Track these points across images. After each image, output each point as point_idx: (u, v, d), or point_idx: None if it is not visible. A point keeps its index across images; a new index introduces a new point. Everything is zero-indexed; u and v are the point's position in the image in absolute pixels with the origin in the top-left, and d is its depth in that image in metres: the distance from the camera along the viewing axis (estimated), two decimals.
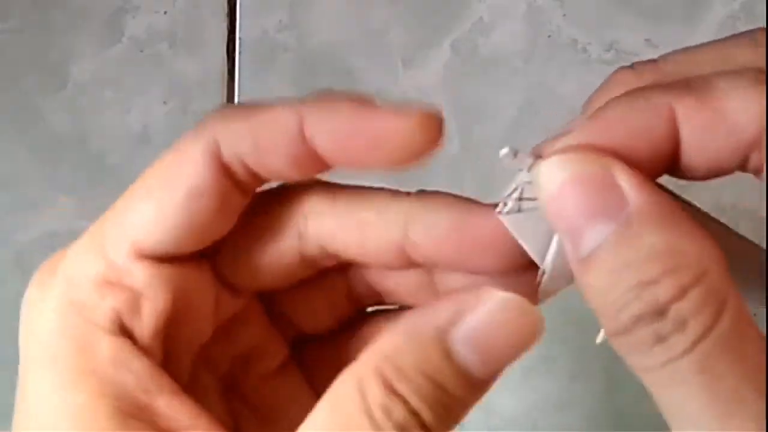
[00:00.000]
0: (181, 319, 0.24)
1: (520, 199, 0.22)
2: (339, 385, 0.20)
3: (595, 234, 0.19)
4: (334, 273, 0.26)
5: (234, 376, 0.26)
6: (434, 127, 0.23)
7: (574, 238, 0.19)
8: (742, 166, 0.20)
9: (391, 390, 0.20)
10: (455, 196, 0.24)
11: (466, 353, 0.20)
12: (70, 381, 0.22)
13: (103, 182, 0.50)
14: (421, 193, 0.24)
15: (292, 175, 0.24)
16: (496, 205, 0.23)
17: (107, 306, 0.23)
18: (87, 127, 0.50)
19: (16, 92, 0.50)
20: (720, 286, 0.18)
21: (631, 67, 0.23)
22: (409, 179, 0.50)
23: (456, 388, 0.20)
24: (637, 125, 0.20)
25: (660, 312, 0.18)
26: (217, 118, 0.24)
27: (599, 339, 0.21)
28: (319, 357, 0.27)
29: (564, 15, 0.49)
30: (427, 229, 0.23)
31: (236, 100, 0.50)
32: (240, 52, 0.50)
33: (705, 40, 0.52)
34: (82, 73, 0.50)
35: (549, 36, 0.49)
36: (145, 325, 0.23)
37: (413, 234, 0.23)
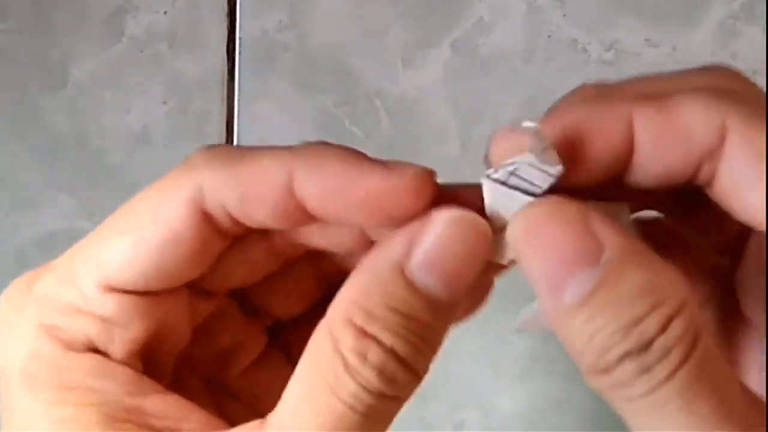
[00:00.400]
0: (158, 336, 0.24)
1: (512, 173, 0.22)
2: (312, 342, 0.21)
3: (577, 282, 0.19)
4: (301, 261, 0.26)
5: (217, 372, 0.26)
6: (427, 186, 0.23)
7: (554, 289, 0.19)
8: (694, 177, 0.21)
9: (363, 333, 0.20)
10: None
11: (426, 278, 0.21)
12: (53, 399, 0.22)
13: (103, 182, 0.50)
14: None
15: (277, 225, 0.23)
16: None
17: (79, 330, 0.23)
18: (87, 127, 0.50)
19: (16, 92, 0.50)
20: (696, 315, 0.19)
21: (594, 85, 0.24)
22: None
23: (425, 315, 0.20)
24: (595, 124, 0.21)
25: (645, 346, 0.18)
26: (205, 161, 0.23)
27: (520, 326, 0.21)
28: (298, 338, 0.27)
29: (564, 15, 0.49)
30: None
31: (236, 100, 0.50)
32: (240, 52, 0.50)
33: (705, 40, 0.52)
34: (82, 73, 0.50)
35: (549, 36, 0.49)
36: (119, 348, 0.23)
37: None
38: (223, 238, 0.23)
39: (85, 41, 0.50)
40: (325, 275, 0.27)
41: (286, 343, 0.27)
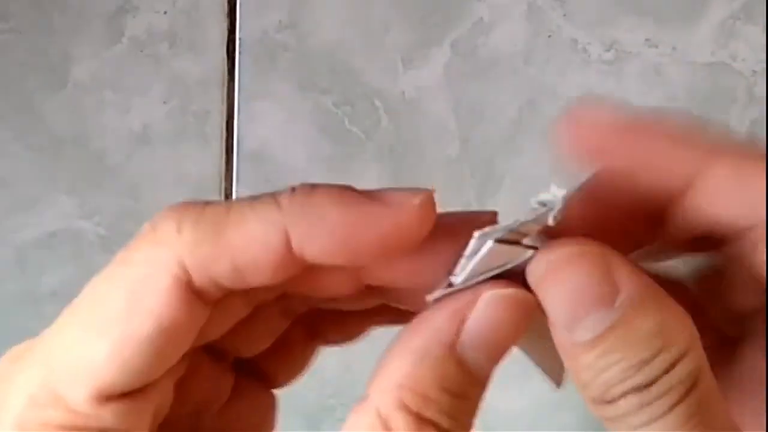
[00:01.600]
0: (151, 418, 0.22)
1: (516, 231, 0.22)
2: (357, 425, 0.20)
3: (592, 321, 0.20)
4: (270, 301, 0.25)
5: (194, 424, 0.25)
6: (432, 212, 0.21)
7: (571, 325, 0.20)
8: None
9: (419, 418, 0.20)
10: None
11: (475, 355, 0.21)
12: None
13: (103, 182, 0.50)
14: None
15: (272, 282, 0.21)
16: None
17: None
18: (87, 127, 0.50)
19: (16, 92, 0.50)
20: (700, 358, 0.19)
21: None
22: (409, 179, 0.50)
23: (472, 391, 0.21)
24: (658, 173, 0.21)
25: (648, 385, 0.19)
26: (177, 231, 0.21)
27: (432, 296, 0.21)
28: (266, 365, 0.26)
29: (564, 15, 0.49)
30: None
31: (236, 100, 0.50)
32: (240, 52, 0.50)
33: (705, 40, 0.52)
34: (82, 73, 0.50)
35: (549, 36, 0.49)
36: None
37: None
38: (208, 306, 0.21)
39: (85, 41, 0.50)
40: (293, 309, 0.25)
41: (252, 370, 0.26)
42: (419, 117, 0.49)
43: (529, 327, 0.21)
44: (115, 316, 0.20)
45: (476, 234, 0.21)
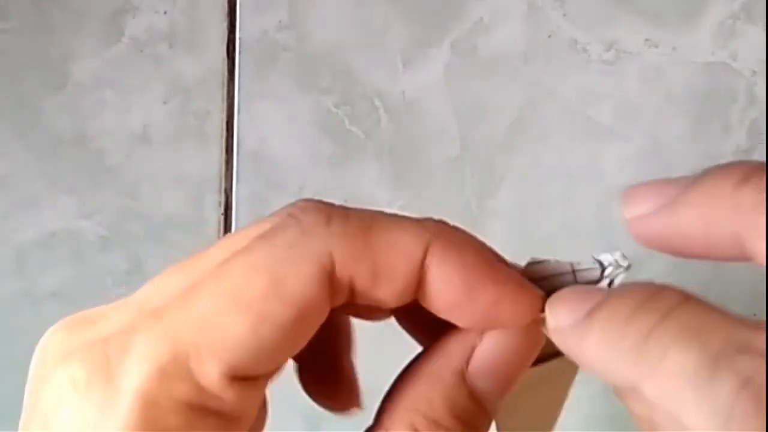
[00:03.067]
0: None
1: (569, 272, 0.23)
2: None
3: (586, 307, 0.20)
4: None
5: None
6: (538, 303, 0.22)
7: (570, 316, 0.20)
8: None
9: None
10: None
11: (484, 384, 0.21)
12: None
13: (103, 182, 0.50)
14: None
15: (391, 303, 0.21)
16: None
17: None
18: (87, 127, 0.50)
19: (16, 92, 0.50)
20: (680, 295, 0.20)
21: None
22: (409, 179, 0.51)
23: (480, 419, 0.21)
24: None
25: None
26: (330, 225, 0.20)
27: None
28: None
29: (564, 15, 0.49)
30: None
31: (236, 100, 0.50)
32: (240, 52, 0.50)
33: (705, 40, 0.52)
34: (82, 73, 0.50)
35: (549, 36, 0.49)
36: None
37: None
38: (330, 307, 0.21)
39: (85, 41, 0.50)
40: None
41: None
42: (419, 117, 0.49)
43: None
44: (257, 295, 0.20)
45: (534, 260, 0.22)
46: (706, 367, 0.17)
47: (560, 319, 0.20)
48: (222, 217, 0.50)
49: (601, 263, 0.23)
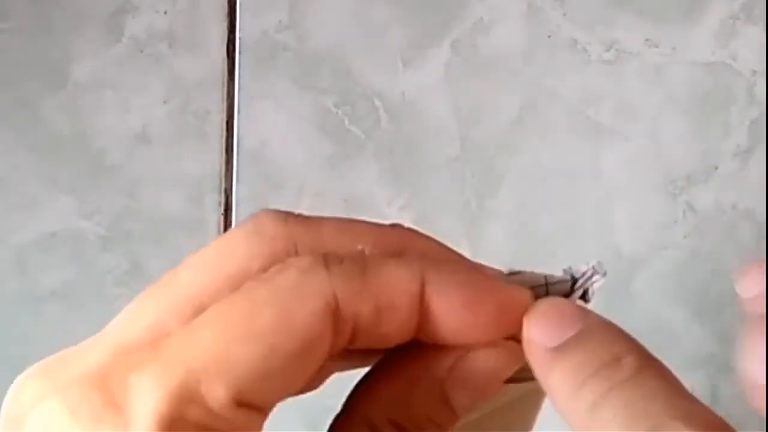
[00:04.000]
0: None
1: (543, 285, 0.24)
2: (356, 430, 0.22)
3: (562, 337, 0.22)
4: None
5: None
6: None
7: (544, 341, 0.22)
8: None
9: (404, 430, 0.23)
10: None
11: (459, 396, 0.23)
12: None
13: (103, 182, 0.50)
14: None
15: (395, 339, 0.22)
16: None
17: None
18: (87, 127, 0.50)
19: (16, 92, 0.50)
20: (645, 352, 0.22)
21: None
22: (409, 179, 0.50)
23: (450, 422, 0.23)
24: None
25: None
26: (329, 267, 0.21)
27: None
28: None
29: (564, 15, 0.49)
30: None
31: (236, 100, 0.50)
32: (240, 52, 0.50)
33: (705, 40, 0.52)
34: (82, 73, 0.50)
35: (549, 36, 0.49)
36: None
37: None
38: (335, 345, 0.22)
39: (85, 41, 0.50)
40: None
41: None
42: (419, 117, 0.49)
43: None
44: (266, 328, 0.20)
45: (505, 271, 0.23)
46: None
47: (534, 336, 0.22)
48: (222, 217, 0.50)
49: (572, 276, 0.24)
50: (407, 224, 0.25)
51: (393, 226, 0.24)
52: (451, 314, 0.22)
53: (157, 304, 0.22)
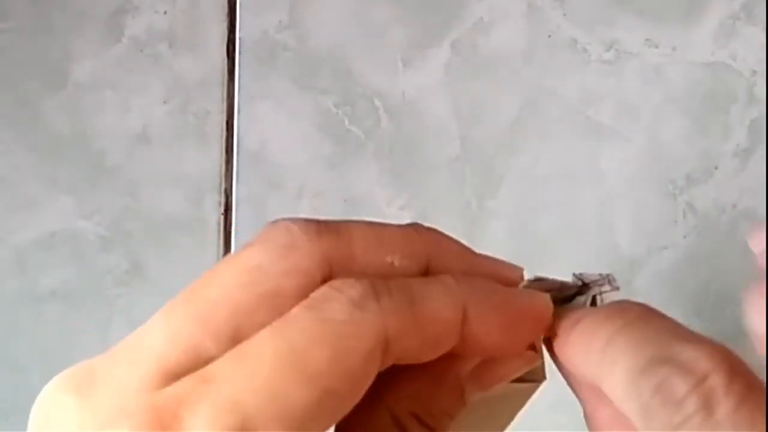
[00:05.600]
0: None
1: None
2: (379, 421, 0.23)
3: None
4: None
5: None
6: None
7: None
8: None
9: (425, 424, 0.24)
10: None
11: (472, 391, 0.24)
12: None
13: (103, 182, 0.50)
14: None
15: (430, 360, 0.23)
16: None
17: None
18: (87, 127, 0.50)
19: (16, 92, 0.50)
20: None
21: None
22: (409, 179, 0.50)
23: (456, 414, 0.25)
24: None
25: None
26: (379, 300, 0.21)
27: None
28: None
29: (564, 15, 0.49)
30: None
31: (236, 100, 0.50)
32: (240, 52, 0.50)
33: (705, 40, 0.52)
34: (82, 73, 0.50)
35: (549, 36, 0.49)
36: None
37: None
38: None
39: (85, 41, 0.50)
40: None
41: None
42: (419, 117, 0.49)
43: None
44: (322, 369, 0.20)
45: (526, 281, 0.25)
46: (635, 374, 0.21)
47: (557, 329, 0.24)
48: (222, 217, 0.50)
49: (582, 281, 0.26)
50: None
51: (414, 227, 0.24)
52: (488, 337, 0.23)
53: (191, 321, 0.21)
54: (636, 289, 0.49)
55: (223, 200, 0.50)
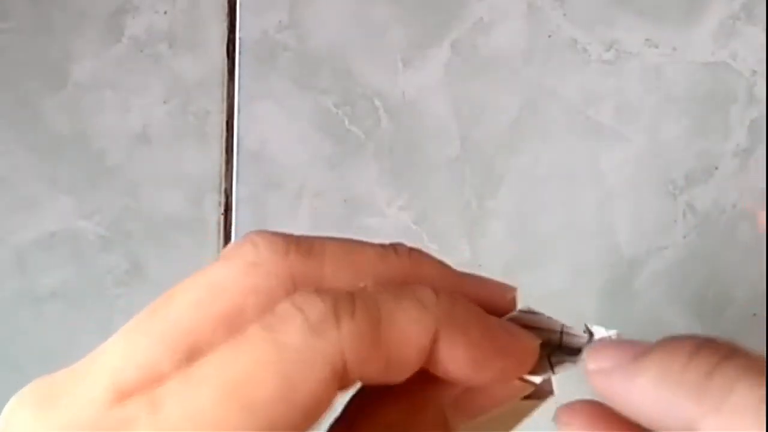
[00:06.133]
0: None
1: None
2: None
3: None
4: None
5: None
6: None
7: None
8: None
9: None
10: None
11: (457, 419, 0.23)
12: None
13: (103, 182, 0.50)
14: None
15: (396, 383, 0.22)
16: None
17: None
18: (87, 127, 0.50)
19: (16, 92, 0.50)
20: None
21: None
22: (409, 179, 0.50)
23: None
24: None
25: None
26: (339, 325, 0.20)
27: None
28: None
29: (564, 15, 0.49)
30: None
31: (236, 100, 0.50)
32: (240, 52, 0.50)
33: (705, 40, 0.52)
34: (82, 73, 0.50)
35: (549, 36, 0.49)
36: None
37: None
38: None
39: (85, 41, 0.50)
40: None
41: None
42: (419, 117, 0.49)
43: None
44: (266, 398, 0.19)
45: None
46: None
47: (604, 361, 0.21)
48: (222, 217, 0.50)
49: (591, 333, 0.24)
50: (409, 226, 0.25)
51: (395, 248, 0.23)
52: (456, 368, 0.21)
53: (149, 337, 0.21)
54: (636, 289, 0.49)
55: (223, 200, 0.50)
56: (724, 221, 0.49)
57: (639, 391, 0.20)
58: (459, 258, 0.49)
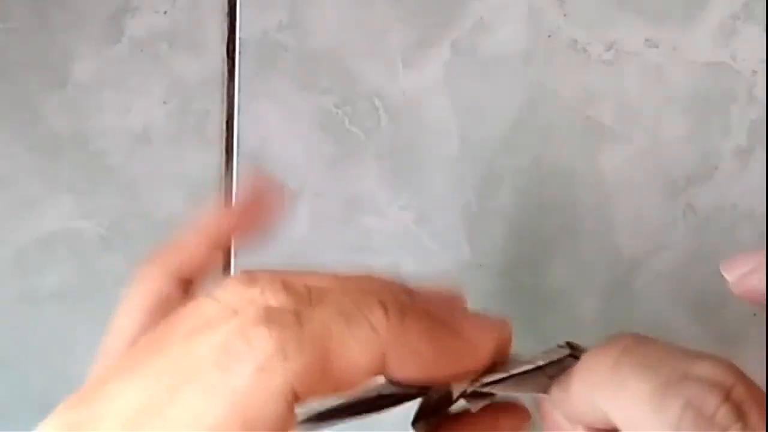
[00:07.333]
0: None
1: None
2: None
3: None
4: None
5: None
6: (505, 348, 0.26)
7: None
8: None
9: None
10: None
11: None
12: None
13: (103, 182, 0.50)
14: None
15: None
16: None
17: None
18: (87, 127, 0.50)
19: (16, 92, 0.50)
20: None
21: None
22: (409, 179, 0.50)
23: None
24: None
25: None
26: (287, 359, 0.21)
27: None
28: None
29: (564, 15, 0.49)
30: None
31: (236, 99, 0.50)
32: (240, 52, 0.50)
33: (705, 40, 0.52)
34: (82, 73, 0.50)
35: (549, 36, 0.49)
36: None
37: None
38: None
39: (85, 41, 0.50)
40: None
41: None
42: (419, 117, 0.49)
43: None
44: (232, 422, 0.20)
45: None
46: (657, 392, 0.21)
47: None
48: None
49: (573, 348, 0.27)
50: (409, 226, 0.25)
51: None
52: (409, 377, 0.23)
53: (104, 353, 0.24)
54: (636, 289, 0.49)
55: (223, 200, 0.50)
56: (724, 221, 0.49)
57: (569, 395, 0.24)
58: (459, 258, 0.49)
